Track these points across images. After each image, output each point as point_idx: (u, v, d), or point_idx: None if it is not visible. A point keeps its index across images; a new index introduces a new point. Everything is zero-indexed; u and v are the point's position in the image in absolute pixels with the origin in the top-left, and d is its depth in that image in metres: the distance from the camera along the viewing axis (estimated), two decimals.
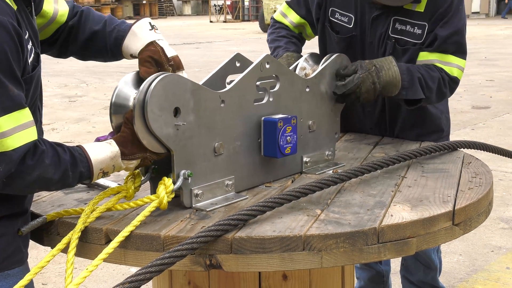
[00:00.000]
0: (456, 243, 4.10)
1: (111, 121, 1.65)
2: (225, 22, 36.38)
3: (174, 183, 1.62)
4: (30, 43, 1.53)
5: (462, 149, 2.27)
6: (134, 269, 3.44)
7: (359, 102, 2.15)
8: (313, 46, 2.60)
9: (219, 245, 1.45)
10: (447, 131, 2.65)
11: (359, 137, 2.54)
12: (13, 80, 1.42)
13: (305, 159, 2.01)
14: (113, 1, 41.45)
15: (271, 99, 1.86)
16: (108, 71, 13.22)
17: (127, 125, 1.59)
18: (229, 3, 37.89)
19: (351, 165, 2.08)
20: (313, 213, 1.61)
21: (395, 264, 3.46)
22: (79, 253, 1.55)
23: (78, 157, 1.53)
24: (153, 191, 1.73)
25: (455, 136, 6.73)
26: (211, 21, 36.93)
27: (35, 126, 1.47)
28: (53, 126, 7.93)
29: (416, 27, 2.32)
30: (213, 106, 1.69)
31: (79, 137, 7.29)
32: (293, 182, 1.92)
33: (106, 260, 1.48)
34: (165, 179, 1.62)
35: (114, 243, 1.47)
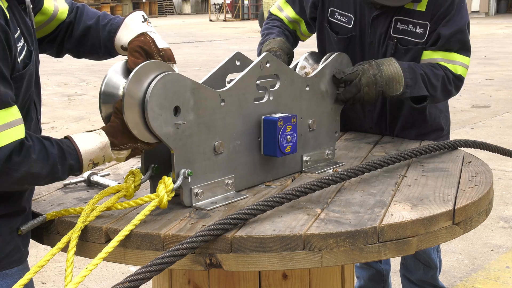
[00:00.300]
0: (456, 242, 4.10)
1: (100, 111, 1.62)
2: (224, 21, 36.37)
3: (174, 182, 1.61)
4: (22, 40, 1.51)
5: (462, 148, 2.27)
6: (134, 268, 3.44)
7: (360, 99, 2.13)
8: (314, 45, 2.60)
9: (219, 244, 1.45)
10: (447, 130, 2.65)
11: (359, 136, 2.53)
12: (0, 78, 1.40)
13: (305, 158, 2.00)
14: None
15: (271, 98, 1.86)
16: (107, 70, 13.20)
17: (117, 115, 1.57)
18: (228, 2, 37.86)
19: (351, 164, 2.08)
20: (313, 212, 1.61)
21: (395, 263, 3.46)
22: (79, 252, 1.55)
23: (66, 150, 1.50)
24: (153, 190, 1.73)
25: (455, 135, 6.73)
26: (211, 20, 36.92)
27: (24, 124, 1.45)
28: (53, 125, 7.93)
29: (418, 27, 2.32)
30: (213, 105, 1.69)
31: None
32: (293, 181, 1.92)
33: (106, 259, 1.48)
34: (165, 178, 1.62)
35: (114, 242, 1.47)
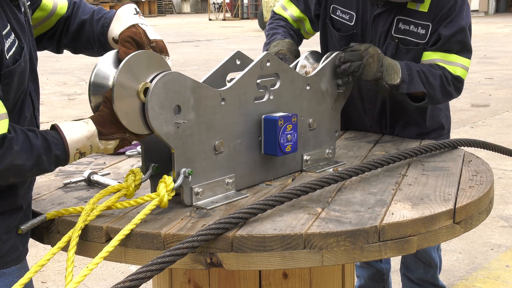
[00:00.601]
0: (456, 241, 4.10)
1: (90, 101, 1.60)
2: (224, 20, 36.36)
3: (174, 181, 1.61)
4: (12, 36, 1.49)
5: (462, 147, 2.26)
6: (134, 267, 3.44)
7: (361, 68, 2.11)
8: (314, 44, 2.60)
9: (220, 243, 1.45)
10: (448, 129, 2.65)
11: (360, 135, 2.53)
12: None
13: (305, 157, 2.00)
14: None
15: (271, 97, 1.85)
16: None
17: (106, 104, 1.55)
18: (228, 1, 37.85)
19: (352, 163, 2.08)
20: (313, 212, 1.61)
21: (395, 262, 3.46)
22: (79, 252, 1.55)
23: (51, 140, 1.48)
24: (154, 189, 1.73)
25: (455, 134, 6.73)
26: (210, 19, 36.91)
27: (8, 119, 1.42)
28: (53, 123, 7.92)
29: (419, 27, 2.31)
30: (213, 104, 1.69)
31: None
32: (293, 180, 1.92)
33: (106, 258, 1.48)
34: (166, 177, 1.61)
35: (114, 241, 1.47)
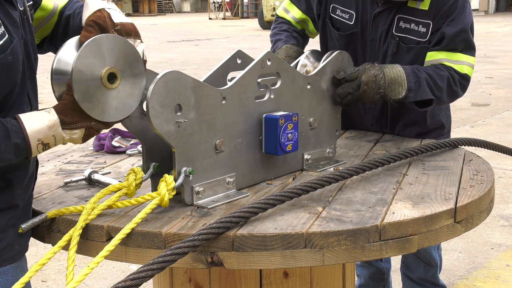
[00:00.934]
0: (456, 240, 4.10)
1: (53, 91, 1.53)
2: (224, 19, 36.36)
3: (175, 180, 1.61)
4: (1, 29, 1.47)
5: (462, 147, 2.26)
6: (134, 266, 3.44)
7: (358, 97, 2.12)
8: (315, 43, 2.60)
9: (221, 242, 1.45)
10: (448, 128, 2.65)
11: (360, 135, 2.53)
12: None
13: (306, 157, 2.00)
14: None
15: (272, 96, 1.85)
16: None
17: (69, 92, 1.48)
18: (228, 0, 37.84)
19: (352, 163, 2.08)
20: (314, 211, 1.61)
21: (396, 261, 3.47)
22: (80, 251, 1.55)
23: (11, 128, 1.44)
24: (154, 188, 1.73)
25: (455, 133, 6.73)
26: (210, 18, 36.91)
27: None
28: None
29: (420, 25, 2.31)
30: (214, 103, 1.69)
31: None
32: (294, 179, 1.91)
33: (107, 257, 1.47)
34: (166, 176, 1.61)
35: (115, 241, 1.47)
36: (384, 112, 2.53)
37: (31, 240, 1.67)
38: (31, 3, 1.69)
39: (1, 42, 1.46)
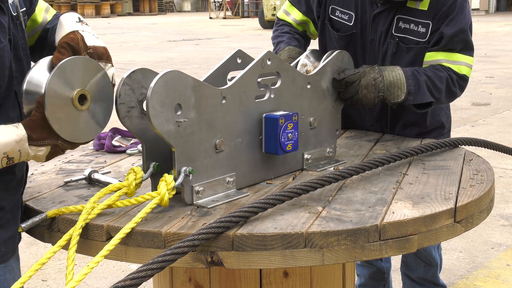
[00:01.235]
0: (456, 240, 4.10)
1: (22, 108, 1.56)
2: (224, 18, 36.36)
3: (175, 180, 1.61)
4: None
5: (463, 146, 2.26)
6: (134, 266, 3.44)
7: (358, 101, 2.13)
8: (315, 43, 2.60)
9: (221, 242, 1.45)
10: (448, 127, 2.64)
11: (360, 134, 2.53)
12: None
13: (306, 156, 2.00)
14: None
15: (272, 96, 1.85)
16: None
17: (38, 109, 1.49)
18: None
19: (352, 162, 2.08)
20: (314, 210, 1.61)
21: (396, 261, 3.47)
22: (80, 250, 1.55)
23: None
24: (154, 188, 1.73)
25: (455, 133, 6.73)
26: (211, 18, 36.91)
27: None
28: None
29: (420, 26, 2.31)
30: (214, 102, 1.69)
31: None
32: (294, 179, 1.91)
33: (107, 257, 1.47)
34: (166, 175, 1.61)
35: (115, 240, 1.47)
36: (384, 112, 2.53)
37: (32, 239, 1.67)
38: (24, 9, 1.69)
39: None
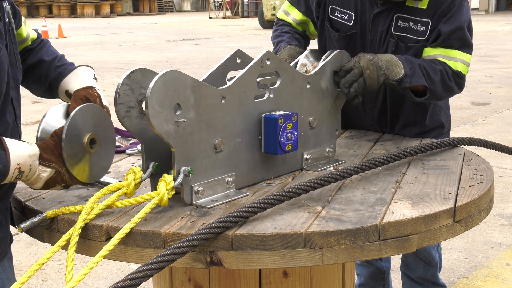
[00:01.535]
0: (456, 239, 4.10)
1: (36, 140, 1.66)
2: (224, 18, 36.36)
3: (174, 179, 1.61)
4: None
5: (462, 146, 2.26)
6: (134, 266, 3.43)
7: (363, 83, 2.10)
8: (313, 43, 2.60)
9: (220, 242, 1.45)
10: (448, 127, 2.64)
11: (360, 134, 2.53)
12: None
13: (305, 156, 2.00)
14: None
15: (271, 96, 1.85)
16: (107, 67, 13.21)
17: (53, 137, 1.58)
18: None
19: (352, 162, 2.08)
20: (314, 210, 1.61)
21: (395, 260, 3.47)
22: (79, 250, 1.55)
23: None
24: (154, 188, 1.73)
25: (455, 132, 6.73)
26: (211, 17, 36.90)
27: None
28: None
29: (419, 24, 2.31)
30: (213, 102, 1.69)
31: None
32: (293, 179, 1.91)
33: (106, 257, 1.47)
34: (166, 176, 1.61)
35: (114, 240, 1.47)
36: (383, 112, 2.53)
37: (31, 239, 1.67)
38: (9, 14, 1.70)
39: None
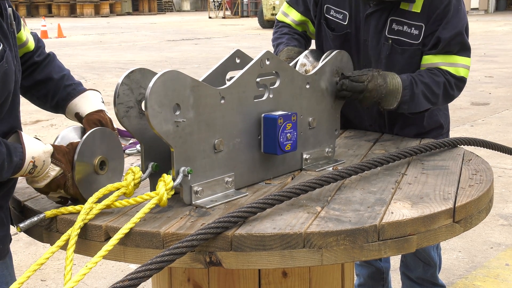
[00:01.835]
0: (455, 240, 4.10)
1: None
2: (224, 18, 36.36)
3: (173, 180, 1.61)
4: None
5: (462, 146, 2.26)
6: (133, 266, 3.43)
7: (359, 99, 2.13)
8: (314, 42, 2.60)
9: (219, 242, 1.45)
10: (447, 128, 2.64)
11: (359, 134, 2.53)
12: None
13: (305, 156, 2.00)
14: None
15: (271, 96, 1.85)
16: (106, 67, 13.20)
17: (68, 146, 1.65)
18: None
19: (351, 162, 2.08)
20: (313, 210, 1.61)
21: (395, 261, 3.46)
22: (78, 250, 1.54)
23: (12, 146, 1.52)
24: (153, 188, 1.73)
25: (454, 132, 6.73)
26: (210, 17, 36.90)
27: None
28: (52, 122, 7.92)
29: (413, 28, 2.32)
30: (213, 102, 1.69)
31: None
32: (293, 179, 1.91)
33: (105, 257, 1.47)
34: (165, 176, 1.61)
35: (113, 240, 1.47)
36: (381, 112, 2.53)
37: (30, 239, 1.67)
38: (11, 15, 1.70)
39: None
